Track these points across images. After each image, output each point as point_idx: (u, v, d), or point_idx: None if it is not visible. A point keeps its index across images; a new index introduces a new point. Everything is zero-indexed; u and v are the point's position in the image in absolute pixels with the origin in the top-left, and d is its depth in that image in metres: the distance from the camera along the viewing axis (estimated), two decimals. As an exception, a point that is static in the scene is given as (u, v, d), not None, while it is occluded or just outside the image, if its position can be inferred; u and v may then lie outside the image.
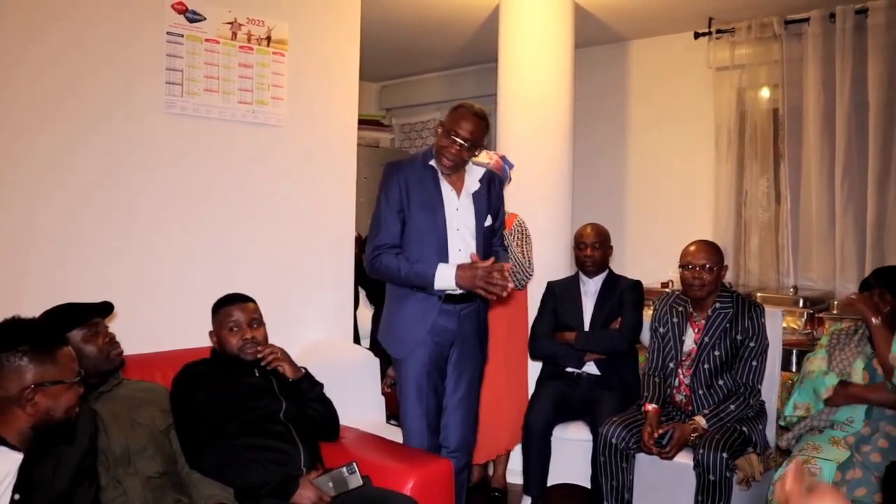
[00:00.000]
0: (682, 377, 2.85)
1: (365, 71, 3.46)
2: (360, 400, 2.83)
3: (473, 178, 2.56)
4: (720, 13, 4.35)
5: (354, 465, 2.07)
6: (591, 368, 3.24)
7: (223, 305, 2.29)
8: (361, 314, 4.10)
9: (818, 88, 4.14)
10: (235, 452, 2.09)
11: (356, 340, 3.79)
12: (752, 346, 2.77)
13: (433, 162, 2.50)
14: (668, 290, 4.03)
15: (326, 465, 2.22)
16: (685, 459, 2.67)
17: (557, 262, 3.86)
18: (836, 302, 3.83)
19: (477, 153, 2.53)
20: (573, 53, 4.00)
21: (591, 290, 3.32)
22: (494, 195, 2.61)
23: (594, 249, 3.29)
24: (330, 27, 3.14)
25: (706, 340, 2.80)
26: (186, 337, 2.53)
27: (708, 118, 4.58)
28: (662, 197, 4.91)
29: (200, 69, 2.73)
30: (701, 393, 2.80)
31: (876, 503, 2.22)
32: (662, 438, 2.66)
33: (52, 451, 1.68)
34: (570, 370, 3.26)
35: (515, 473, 3.42)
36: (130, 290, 2.57)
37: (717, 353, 2.78)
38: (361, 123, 3.96)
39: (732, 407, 2.71)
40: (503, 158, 3.21)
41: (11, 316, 1.69)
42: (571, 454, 3.16)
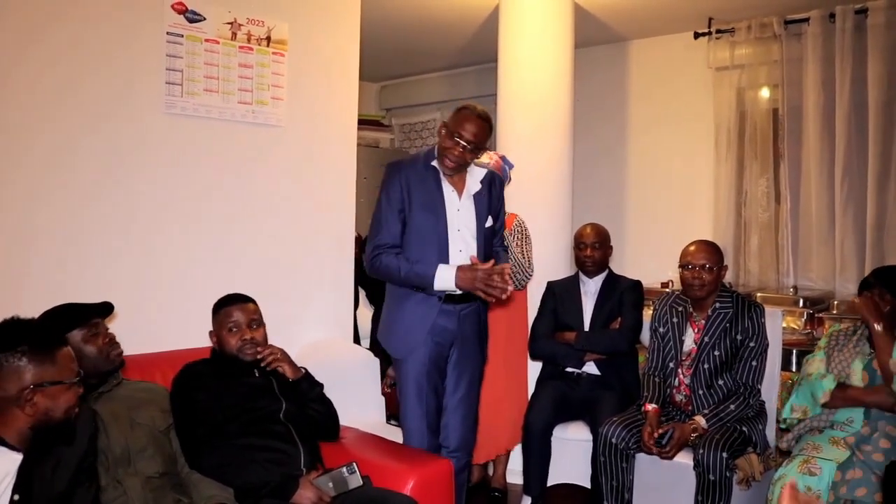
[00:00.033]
0: (681, 377, 2.85)
1: (365, 71, 3.46)
2: (360, 400, 2.83)
3: (475, 179, 2.56)
4: (720, 13, 4.35)
5: (354, 465, 2.07)
6: (591, 368, 3.24)
7: (223, 306, 2.29)
8: (361, 314, 4.10)
9: (818, 88, 4.14)
10: (235, 453, 2.09)
11: (356, 340, 3.78)
12: (751, 345, 2.77)
13: (435, 162, 2.50)
14: (668, 290, 4.03)
15: (326, 465, 2.22)
16: (685, 459, 2.67)
17: (557, 262, 3.86)
18: (836, 302, 3.83)
19: (479, 155, 2.54)
20: (573, 53, 4.00)
21: (591, 290, 3.32)
22: (495, 196, 2.61)
23: (594, 249, 3.29)
24: (330, 27, 3.14)
25: (706, 340, 2.80)
26: (186, 337, 2.53)
27: (708, 118, 4.59)
28: (662, 197, 4.91)
29: (200, 69, 2.73)
30: (701, 393, 2.80)
31: (876, 503, 2.22)
32: (662, 438, 2.66)
33: (51, 451, 1.68)
34: (570, 370, 3.26)
35: (515, 473, 3.42)
36: (130, 290, 2.57)
37: (716, 352, 2.78)
38: (361, 123, 3.96)
39: (732, 407, 2.71)
40: (503, 158, 3.21)
41: (11, 316, 1.69)
42: (571, 454, 3.16)
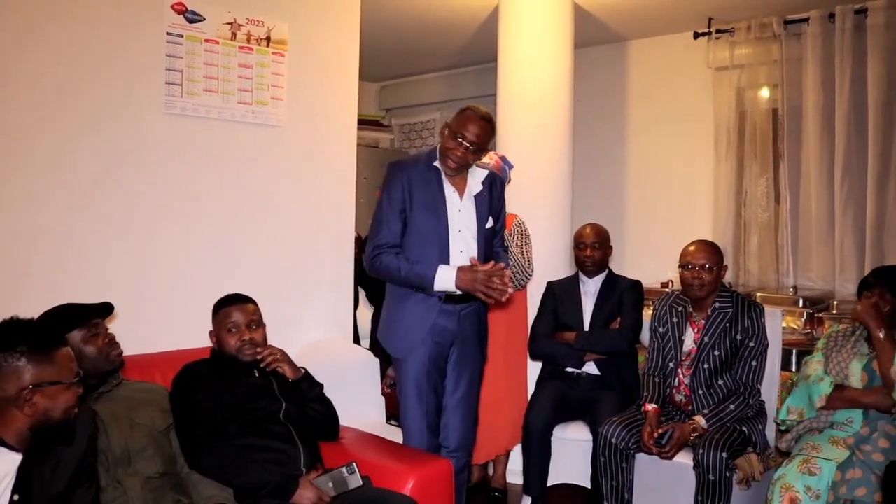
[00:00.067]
0: (681, 377, 2.85)
1: (365, 71, 3.46)
2: (360, 400, 2.83)
3: (476, 179, 2.56)
4: (720, 13, 4.35)
5: (354, 465, 2.07)
6: (590, 368, 3.24)
7: (223, 306, 2.29)
8: (361, 314, 4.10)
9: (818, 88, 4.14)
10: (235, 453, 2.09)
11: (356, 340, 3.78)
12: (751, 345, 2.77)
13: (437, 163, 2.51)
14: (667, 290, 4.03)
15: (326, 465, 2.22)
16: (685, 459, 2.67)
17: (557, 262, 3.86)
18: (835, 302, 3.83)
19: (482, 156, 2.54)
20: (573, 53, 4.00)
21: (590, 290, 3.32)
22: (496, 197, 2.61)
23: (594, 249, 3.29)
24: (330, 27, 3.14)
25: (706, 340, 2.80)
26: (186, 337, 2.53)
27: (707, 118, 4.59)
28: (662, 197, 4.91)
29: (200, 69, 2.73)
30: (701, 393, 2.80)
31: (876, 503, 2.22)
32: (662, 438, 2.66)
33: (50, 451, 1.68)
34: (569, 370, 3.26)
35: (515, 473, 3.42)
36: (130, 290, 2.56)
37: (716, 352, 2.78)
38: (361, 123, 3.96)
39: (732, 407, 2.71)
40: (503, 159, 3.22)
41: (10, 316, 1.69)
42: (571, 454, 3.16)
